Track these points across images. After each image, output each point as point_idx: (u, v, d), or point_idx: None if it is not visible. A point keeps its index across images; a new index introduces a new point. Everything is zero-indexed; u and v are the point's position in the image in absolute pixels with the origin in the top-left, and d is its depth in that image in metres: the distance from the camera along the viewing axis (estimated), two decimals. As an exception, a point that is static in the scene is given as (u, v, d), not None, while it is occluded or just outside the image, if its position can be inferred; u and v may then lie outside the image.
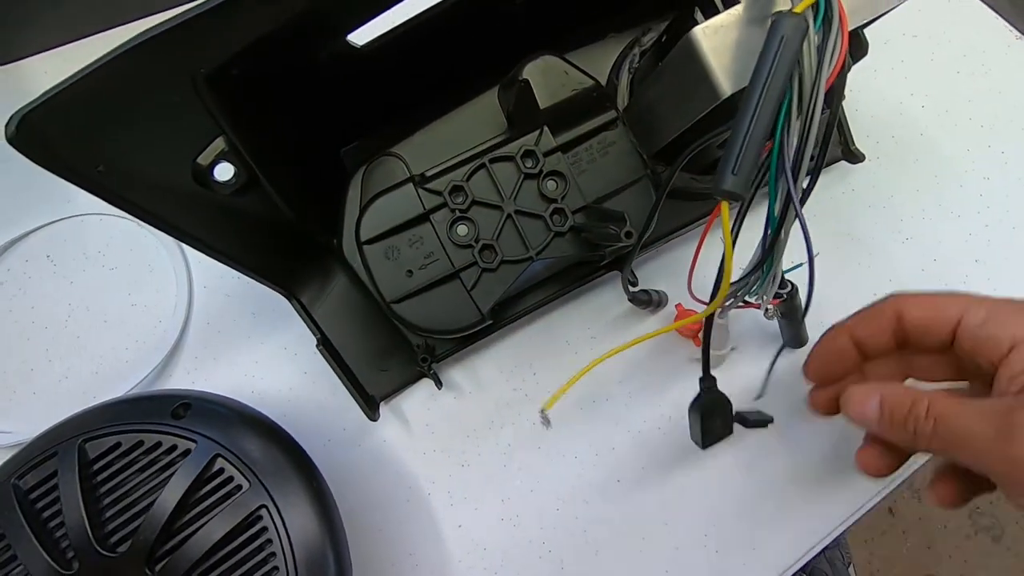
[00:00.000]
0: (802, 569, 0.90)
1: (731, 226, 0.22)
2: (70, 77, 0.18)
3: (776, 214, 0.21)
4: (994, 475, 0.19)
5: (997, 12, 0.39)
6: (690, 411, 0.28)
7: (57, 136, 0.18)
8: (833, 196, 0.35)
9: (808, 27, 0.19)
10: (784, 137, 0.19)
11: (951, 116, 0.37)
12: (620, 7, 0.32)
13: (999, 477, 0.19)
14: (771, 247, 0.22)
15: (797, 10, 0.19)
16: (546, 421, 0.27)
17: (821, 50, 0.19)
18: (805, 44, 0.19)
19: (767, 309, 0.29)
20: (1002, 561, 0.98)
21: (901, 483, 0.32)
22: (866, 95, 0.37)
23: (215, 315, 0.35)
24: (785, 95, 0.19)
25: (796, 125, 0.19)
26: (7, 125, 0.17)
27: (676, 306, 0.33)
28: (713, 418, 0.27)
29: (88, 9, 0.40)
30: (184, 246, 0.36)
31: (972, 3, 0.39)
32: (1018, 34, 0.38)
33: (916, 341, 0.24)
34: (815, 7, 0.19)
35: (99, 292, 0.36)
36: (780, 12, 0.19)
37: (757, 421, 0.28)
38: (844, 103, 0.35)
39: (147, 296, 0.36)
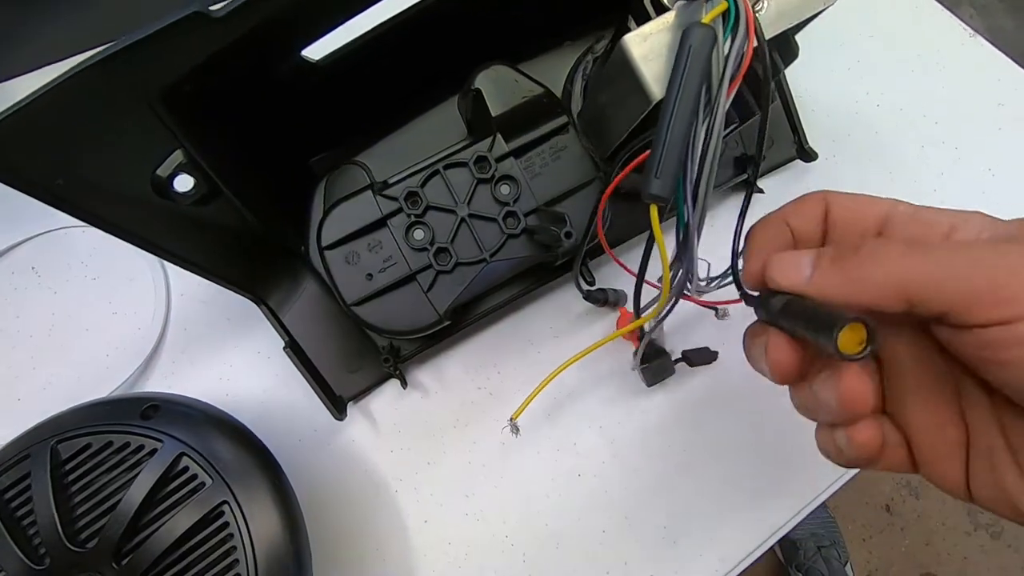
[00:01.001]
0: (797, 567, 0.90)
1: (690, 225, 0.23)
2: (26, 97, 0.19)
3: (686, 217, 0.22)
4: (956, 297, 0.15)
5: (951, 11, 0.39)
6: (633, 358, 0.30)
7: (15, 153, 0.20)
8: (790, 194, 0.36)
9: (717, 36, 0.20)
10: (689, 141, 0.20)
11: (906, 114, 0.38)
12: (573, 18, 0.33)
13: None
14: (680, 246, 0.23)
15: (705, 20, 0.20)
16: (515, 429, 0.28)
17: (730, 57, 0.20)
18: (714, 52, 0.19)
19: (716, 310, 0.30)
20: (1001, 558, 0.97)
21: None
22: (822, 95, 0.38)
23: (192, 321, 0.37)
24: (700, 101, 0.20)
25: (702, 129, 0.20)
26: (-35, 143, 0.18)
27: (620, 309, 0.33)
28: (652, 361, 0.29)
29: (74, 30, 0.42)
30: (162, 256, 0.38)
31: (927, 2, 0.40)
32: (971, 32, 0.39)
33: (839, 235, 0.21)
34: (725, 16, 0.20)
35: (81, 301, 0.37)
36: (692, 23, 0.20)
37: (701, 358, 0.30)
38: (799, 103, 0.36)
39: (127, 304, 0.37)
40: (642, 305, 0.29)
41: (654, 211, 0.21)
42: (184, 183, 0.25)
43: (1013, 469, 0.16)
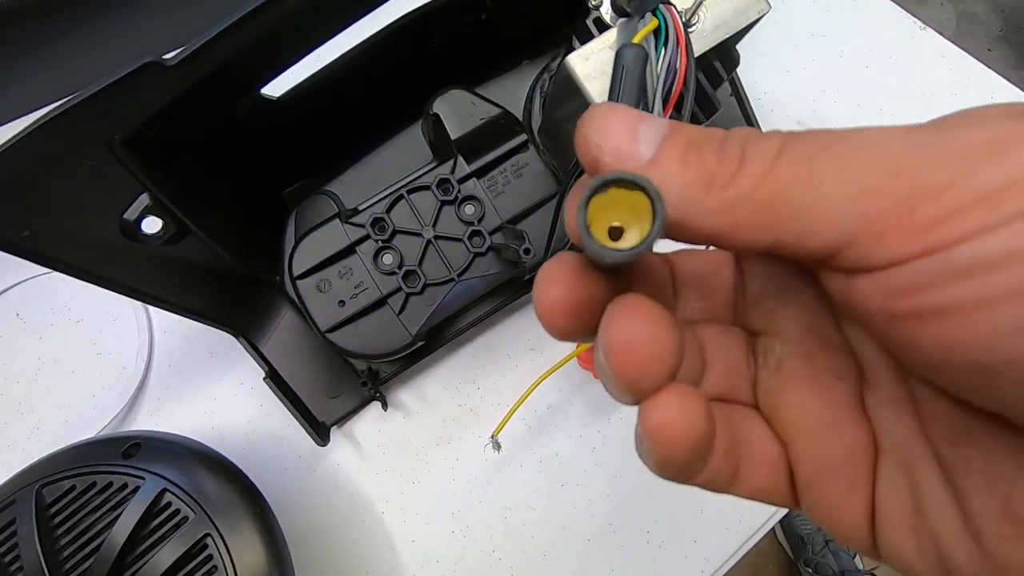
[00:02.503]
0: (806, 563, 0.89)
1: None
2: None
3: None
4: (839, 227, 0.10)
5: (900, 5, 0.40)
6: None
7: (-22, 209, 0.20)
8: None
9: (648, 55, 0.20)
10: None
11: (863, 109, 0.39)
12: (528, 39, 0.34)
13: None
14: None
15: (636, 39, 0.20)
16: (496, 446, 0.29)
17: (663, 73, 0.20)
18: (647, 68, 0.20)
19: None
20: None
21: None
22: (780, 96, 0.39)
23: (175, 357, 0.37)
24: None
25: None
26: (-71, 204, 0.19)
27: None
28: None
29: (40, 85, 0.43)
30: (144, 294, 0.38)
31: (876, -1, 0.41)
32: (922, 24, 0.40)
33: None
34: (657, 33, 0.21)
35: (67, 344, 0.38)
36: (624, 44, 0.21)
37: None
38: (757, 104, 0.37)
39: (111, 344, 0.38)
40: None
41: None
42: (152, 225, 0.26)
43: (949, 509, 0.10)
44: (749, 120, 0.37)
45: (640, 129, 0.11)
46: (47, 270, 0.39)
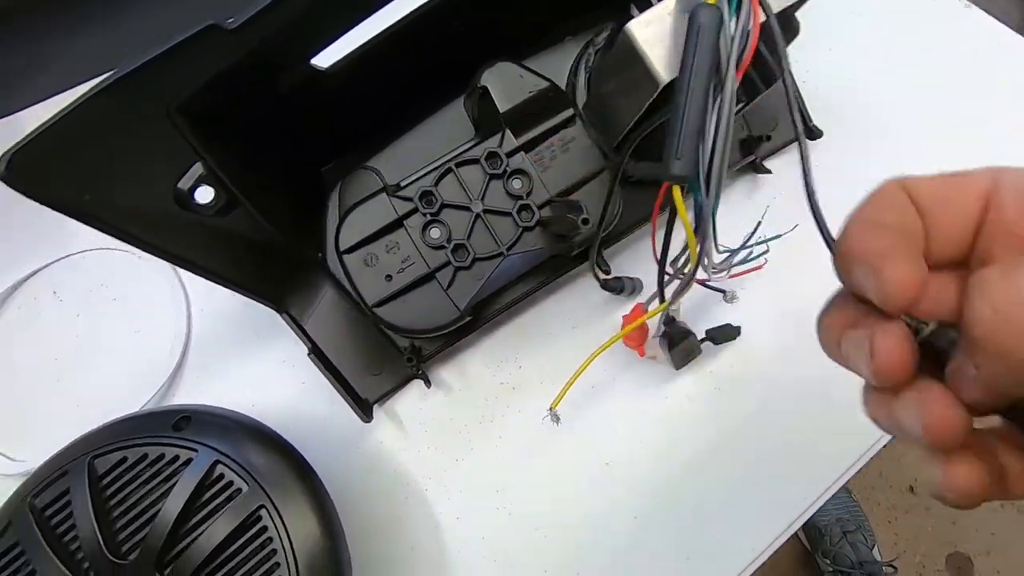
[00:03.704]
0: (823, 554, 0.89)
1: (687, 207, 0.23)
2: (50, 118, 0.20)
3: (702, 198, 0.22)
4: None
5: (944, -17, 0.40)
6: (659, 343, 0.30)
7: (43, 171, 0.20)
8: (796, 174, 0.36)
9: (723, 16, 0.20)
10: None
11: (906, 87, 0.38)
12: (570, 12, 0.34)
13: None
14: (698, 226, 0.23)
15: (711, 0, 0.20)
16: (555, 418, 0.28)
17: (736, 35, 0.20)
18: (721, 32, 0.20)
19: (724, 293, 0.30)
20: (1030, 532, 0.96)
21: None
22: (823, 74, 0.38)
23: (214, 335, 0.37)
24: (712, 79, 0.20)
25: (715, 109, 0.20)
26: (-3, 164, 0.19)
27: (623, 317, 0.33)
28: (680, 343, 0.30)
29: (79, 61, 0.42)
30: (181, 273, 0.38)
31: (919, -24, 0.40)
32: (966, 3, 0.39)
33: (937, 227, 0.15)
34: (729, -6, 0.20)
35: (103, 322, 0.38)
36: (699, 3, 0.20)
37: (725, 335, 0.30)
38: (800, 82, 0.36)
39: (148, 323, 0.37)
40: (648, 298, 0.30)
41: (676, 191, 0.21)
42: (205, 194, 0.26)
43: None
44: (790, 98, 0.36)
45: None
46: (83, 248, 0.39)
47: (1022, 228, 0.14)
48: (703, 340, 0.31)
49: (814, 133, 0.36)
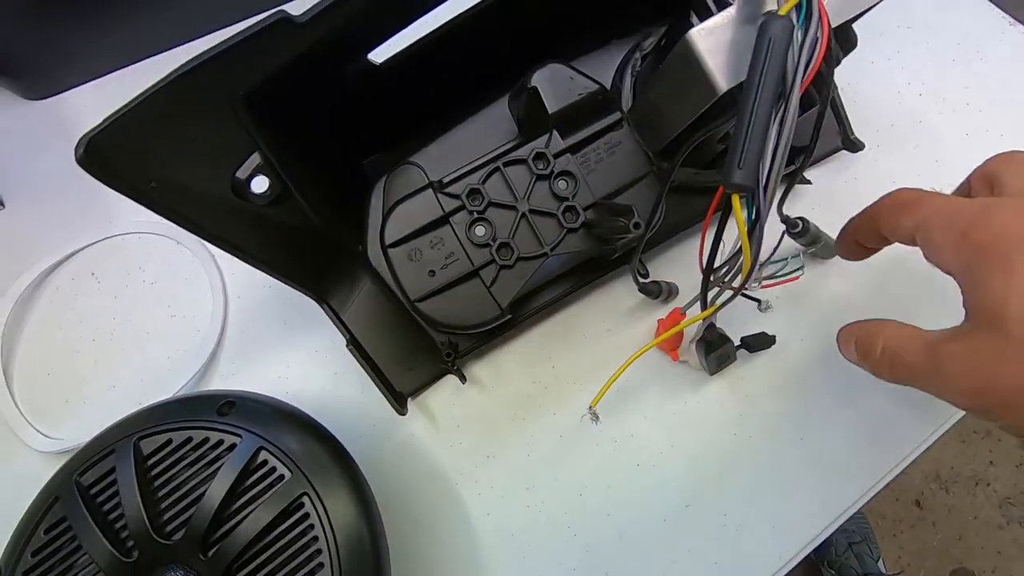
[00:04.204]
0: (829, 564, 0.90)
1: (744, 216, 0.23)
2: (126, 104, 0.20)
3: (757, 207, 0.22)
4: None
5: (991, 0, 0.40)
6: (696, 347, 0.30)
7: (117, 156, 0.21)
8: (835, 185, 0.37)
9: (793, 27, 0.20)
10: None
11: (949, 103, 0.38)
12: (620, 16, 0.34)
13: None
14: (750, 231, 0.23)
15: (782, 12, 0.20)
16: (594, 417, 0.29)
17: (804, 47, 0.20)
18: (790, 43, 0.20)
19: (760, 303, 0.30)
20: (1036, 552, 0.96)
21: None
22: (864, 86, 0.38)
23: (249, 323, 0.37)
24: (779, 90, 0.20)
25: (776, 120, 0.20)
26: (76, 147, 0.19)
27: (657, 321, 0.34)
28: (717, 348, 0.30)
29: (116, 47, 0.43)
30: (218, 260, 0.39)
31: (964, -8, 0.40)
32: (1011, 20, 0.39)
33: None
34: (798, 7, 0.20)
35: (141, 305, 0.38)
36: (768, 14, 0.21)
37: (761, 343, 0.31)
38: (842, 94, 0.36)
39: (185, 308, 0.38)
40: (686, 304, 0.30)
41: (735, 200, 0.21)
42: (260, 184, 0.26)
43: None
44: (837, 111, 0.36)
45: (849, 348, 0.26)
46: (120, 232, 0.40)
47: None
48: (738, 347, 0.31)
49: (856, 145, 0.36)
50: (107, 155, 0.20)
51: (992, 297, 0.19)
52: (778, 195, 0.29)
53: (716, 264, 0.27)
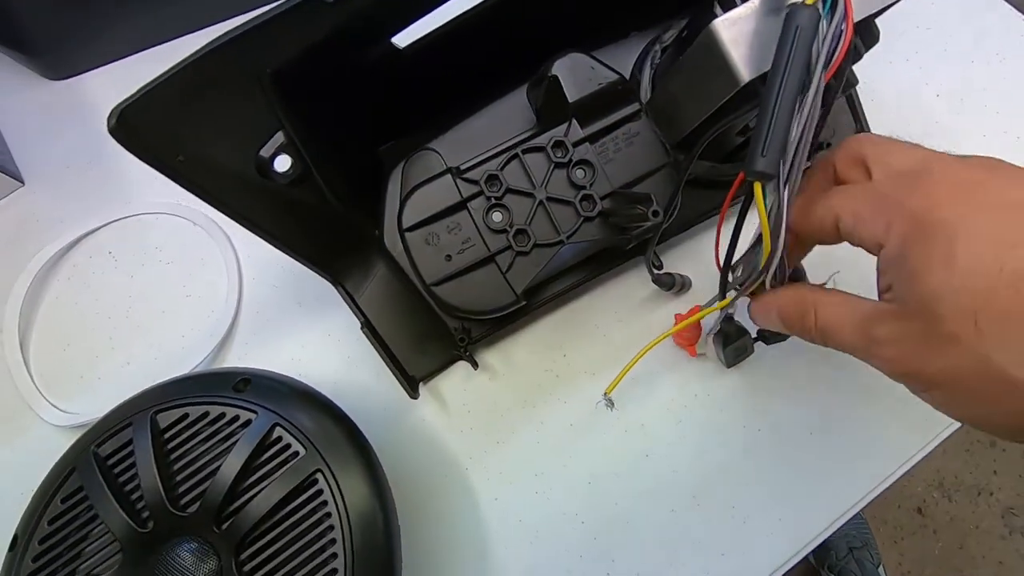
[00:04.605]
0: (829, 568, 0.89)
1: (765, 206, 0.23)
2: (157, 77, 0.21)
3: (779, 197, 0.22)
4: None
5: (1009, 1, 0.40)
6: (714, 339, 0.31)
7: (147, 129, 0.21)
8: (851, 183, 0.37)
9: (820, 17, 0.20)
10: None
11: (966, 104, 0.38)
12: (642, 7, 0.34)
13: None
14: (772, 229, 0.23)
15: (809, 1, 0.20)
16: (610, 403, 0.29)
17: (828, 37, 0.20)
18: (816, 33, 0.20)
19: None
20: (1038, 562, 0.96)
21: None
22: (882, 85, 0.38)
23: (263, 305, 0.38)
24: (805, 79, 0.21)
25: (800, 109, 0.21)
26: (109, 118, 0.20)
27: (675, 316, 0.34)
28: (735, 341, 0.30)
29: (139, 28, 0.43)
30: (233, 241, 0.39)
31: (984, -6, 0.40)
32: (1032, 24, 0.39)
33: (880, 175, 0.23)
34: (825, -3, 0.21)
35: (156, 285, 0.38)
36: (795, 3, 0.21)
37: (777, 335, 0.30)
38: (860, 93, 0.36)
39: (200, 288, 0.38)
40: (706, 302, 0.30)
41: (758, 188, 0.21)
42: (283, 163, 0.26)
43: None
44: (855, 110, 0.36)
45: (770, 315, 0.26)
46: (137, 211, 0.40)
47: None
48: (755, 340, 0.31)
49: (872, 144, 0.36)
50: (137, 127, 0.20)
51: (926, 285, 0.18)
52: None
53: (735, 258, 0.27)
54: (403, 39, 0.29)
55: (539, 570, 0.31)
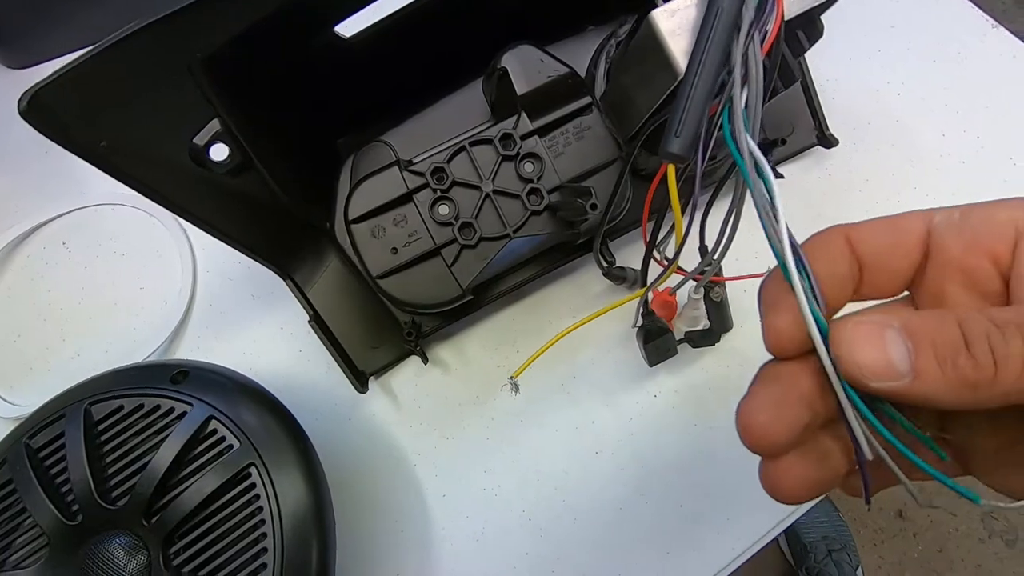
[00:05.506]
0: (807, 571, 0.89)
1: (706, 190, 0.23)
2: (74, 59, 0.20)
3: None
4: None
5: (973, 2, 0.40)
6: (636, 337, 0.30)
7: (64, 112, 0.20)
8: (809, 180, 0.36)
9: (743, 2, 0.20)
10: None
11: (927, 103, 0.38)
12: (597, 3, 0.34)
13: None
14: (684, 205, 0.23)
15: (736, -15, 0.20)
16: (514, 387, 0.29)
17: (755, 23, 0.20)
18: (743, 13, 0.20)
19: (710, 288, 0.30)
20: (1017, 566, 0.96)
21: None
22: (843, 83, 0.38)
23: (217, 297, 0.37)
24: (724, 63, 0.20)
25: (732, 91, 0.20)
26: (20, 100, 0.19)
27: (654, 292, 0.34)
28: (655, 339, 0.30)
29: (104, 17, 0.43)
30: (190, 234, 0.38)
31: (948, -7, 0.40)
32: (993, 22, 0.39)
33: (877, 273, 0.17)
34: (752, -16, 0.20)
35: (110, 276, 0.38)
36: (722, -15, 0.20)
37: (704, 340, 0.30)
38: (820, 91, 0.36)
39: (154, 280, 0.38)
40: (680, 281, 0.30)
41: (671, 170, 0.21)
42: (219, 152, 0.26)
43: None
44: (812, 106, 0.36)
45: (887, 340, 0.14)
46: (93, 202, 0.40)
47: (966, 263, 0.16)
48: (680, 341, 0.31)
49: (830, 142, 0.36)
50: (54, 110, 0.20)
51: None
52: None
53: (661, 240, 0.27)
54: (348, 29, 0.28)
55: (484, 567, 0.31)
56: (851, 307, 0.16)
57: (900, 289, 0.17)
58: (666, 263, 0.26)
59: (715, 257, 0.27)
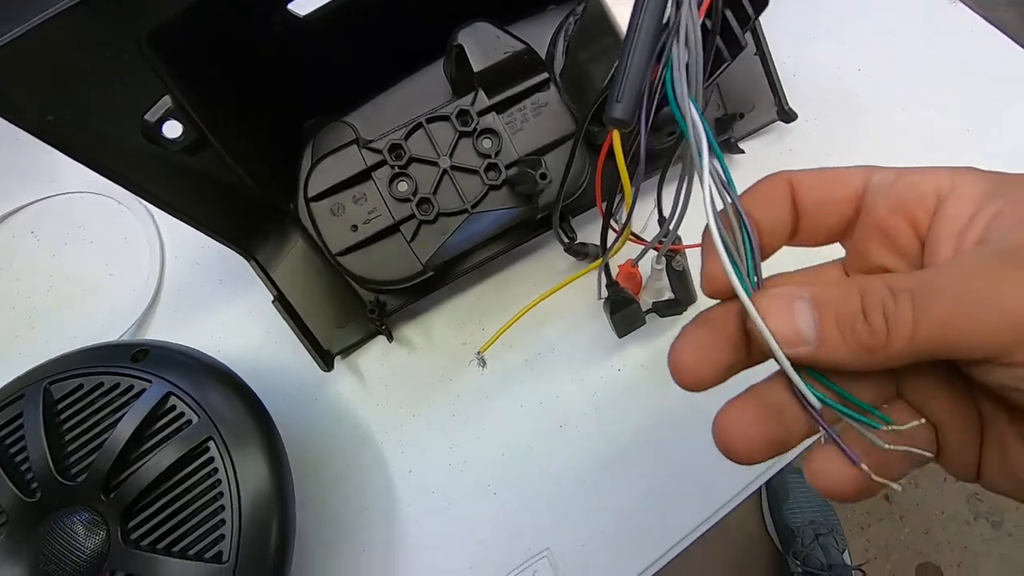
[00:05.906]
0: (795, 555, 0.89)
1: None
2: (14, 32, 0.20)
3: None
4: (995, 348, 0.13)
5: (932, -22, 0.40)
6: (603, 309, 0.31)
7: (7, 85, 0.21)
8: (770, 155, 0.37)
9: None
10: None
11: (886, 78, 0.38)
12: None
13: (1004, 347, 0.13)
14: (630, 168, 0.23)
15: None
16: (482, 362, 0.29)
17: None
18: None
19: (671, 257, 0.31)
20: (1002, 547, 0.97)
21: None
22: (804, 59, 0.39)
23: (185, 282, 0.37)
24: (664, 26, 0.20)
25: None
26: (-42, 71, 0.19)
27: (619, 266, 0.34)
28: (621, 309, 0.30)
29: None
30: (157, 220, 0.39)
31: (908, -30, 0.41)
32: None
33: (812, 222, 0.17)
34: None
35: (78, 264, 0.38)
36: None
37: (671, 309, 0.31)
38: (781, 67, 0.37)
39: (123, 267, 0.38)
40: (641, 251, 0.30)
41: (616, 136, 0.21)
42: (172, 129, 0.26)
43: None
44: (772, 82, 0.37)
45: (798, 322, 0.15)
46: (62, 191, 0.40)
47: (889, 224, 0.16)
48: (648, 311, 0.31)
49: (789, 116, 0.36)
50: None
51: None
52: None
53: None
54: (302, 7, 0.29)
55: (450, 540, 0.31)
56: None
57: (830, 240, 0.18)
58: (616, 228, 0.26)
59: (671, 227, 0.27)
